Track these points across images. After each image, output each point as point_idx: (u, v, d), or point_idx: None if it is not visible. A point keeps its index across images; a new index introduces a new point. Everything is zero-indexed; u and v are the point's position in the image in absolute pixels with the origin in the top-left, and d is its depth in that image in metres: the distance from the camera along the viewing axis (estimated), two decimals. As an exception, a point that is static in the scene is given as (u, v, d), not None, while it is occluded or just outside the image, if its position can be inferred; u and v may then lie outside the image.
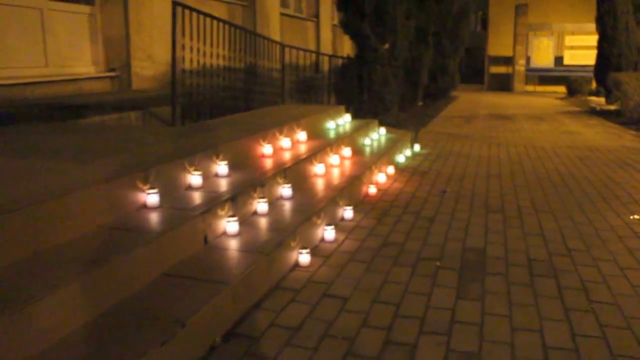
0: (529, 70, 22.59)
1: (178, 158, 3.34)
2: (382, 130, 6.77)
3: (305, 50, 8.96)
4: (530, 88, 22.67)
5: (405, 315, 2.52)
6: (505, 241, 3.57)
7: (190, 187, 3.31)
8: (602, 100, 15.27)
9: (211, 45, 5.50)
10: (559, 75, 21.77)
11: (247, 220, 3.26)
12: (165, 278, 2.49)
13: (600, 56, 15.15)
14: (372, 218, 4.03)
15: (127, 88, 6.68)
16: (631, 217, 4.15)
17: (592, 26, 15.49)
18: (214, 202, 3.05)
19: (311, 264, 3.09)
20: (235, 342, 2.27)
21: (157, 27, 7.00)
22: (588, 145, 7.76)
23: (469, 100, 16.29)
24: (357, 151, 5.55)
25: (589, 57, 16.61)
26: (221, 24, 5.72)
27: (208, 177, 3.50)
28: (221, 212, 3.04)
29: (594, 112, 13.12)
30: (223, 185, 3.45)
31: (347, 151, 5.23)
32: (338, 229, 3.64)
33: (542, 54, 22.77)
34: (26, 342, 1.80)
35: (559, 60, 22.61)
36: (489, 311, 2.56)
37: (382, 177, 5.18)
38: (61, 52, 6.10)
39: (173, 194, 3.13)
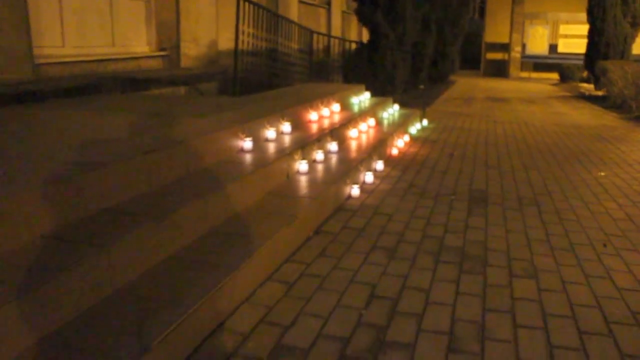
0: (525, 57, 23.76)
1: (257, 118, 4.48)
2: (396, 106, 7.93)
3: (331, 36, 10.08)
4: (525, 74, 23.86)
5: (434, 223, 3.71)
6: (502, 185, 4.77)
7: (267, 140, 4.45)
8: (591, 86, 16.49)
9: (262, 30, 6.60)
10: (552, 62, 22.98)
11: (310, 165, 4.42)
12: (269, 196, 3.65)
13: (590, 45, 16.33)
14: (398, 170, 5.22)
15: (176, 66, 7.78)
16: (599, 173, 5.36)
17: (585, 16, 16.61)
18: (288, 150, 4.21)
19: (360, 197, 4.27)
20: (323, 235, 3.44)
21: (201, 13, 8.08)
22: (573, 124, 8.97)
23: (466, 85, 17.47)
24: (379, 122, 6.71)
25: (582, 46, 17.49)
26: (262, 12, 6.83)
27: (277, 133, 4.64)
28: (295, 157, 4.21)
29: (583, 97, 14.33)
30: (289, 139, 4.60)
31: (371, 121, 6.39)
32: (374, 175, 4.81)
33: (537, 41, 23.95)
34: (205, 217, 2.96)
35: (553, 48, 23.82)
36: (490, 222, 3.76)
37: (400, 142, 6.35)
38: (124, 34, 7.18)
39: (257, 144, 4.28)
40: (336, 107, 6.09)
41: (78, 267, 2.06)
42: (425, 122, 8.24)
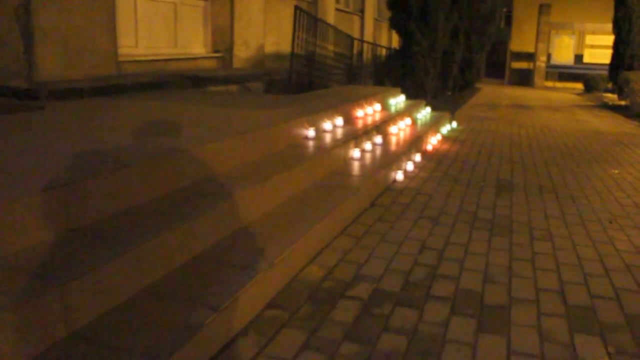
0: (550, 66, 24.37)
1: (315, 112, 5.31)
2: (428, 109, 8.72)
3: (365, 42, 10.90)
4: (549, 84, 24.45)
5: (467, 201, 4.51)
6: (525, 177, 5.55)
7: (324, 130, 5.28)
8: (615, 97, 17.08)
9: (309, 36, 7.46)
10: (578, 72, 23.56)
11: (361, 153, 5.24)
12: (331, 174, 4.47)
13: (615, 56, 16.96)
14: (433, 162, 6.02)
15: (229, 66, 8.68)
16: (613, 170, 6.10)
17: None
18: (343, 139, 5.03)
19: (403, 181, 5.08)
20: (377, 207, 4.26)
21: (251, 20, 8.98)
22: (593, 130, 9.68)
23: (491, 92, 18.17)
24: (414, 122, 7.52)
25: (608, 57, 17.92)
26: (312, 20, 7.68)
27: (332, 125, 5.46)
28: (350, 145, 5.03)
29: (606, 107, 14.95)
30: (341, 131, 5.42)
31: (407, 120, 7.20)
32: (413, 165, 5.61)
33: (563, 51, 24.55)
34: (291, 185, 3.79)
35: (578, 58, 24.39)
36: (515, 202, 4.55)
37: (434, 140, 7.15)
38: (184, 37, 8.10)
39: (317, 133, 5.11)
40: (377, 106, 6.91)
41: (210, 212, 2.88)
42: (454, 124, 9.02)
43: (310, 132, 4.88)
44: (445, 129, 8.38)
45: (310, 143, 4.76)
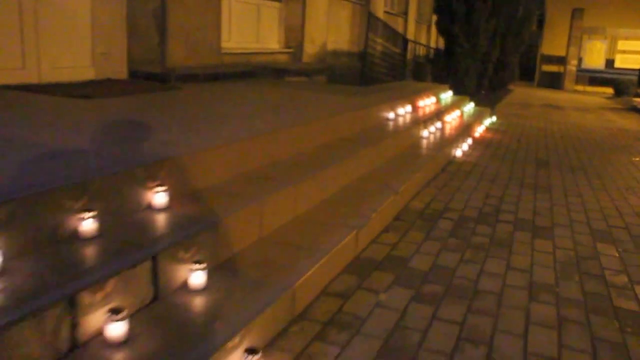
0: (580, 70, 25.56)
1: (390, 100, 6.83)
2: (472, 104, 10.21)
3: (413, 42, 12.38)
4: (579, 87, 25.65)
5: (515, 172, 6.02)
6: (558, 159, 7.04)
7: (399, 115, 6.80)
8: (644, 101, 18.39)
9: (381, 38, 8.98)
10: (608, 77, 24.74)
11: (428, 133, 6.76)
12: (410, 147, 5.99)
13: (644, 62, 18.27)
14: (482, 146, 7.53)
15: (299, 60, 10.23)
16: (634, 158, 7.56)
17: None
18: (414, 122, 6.54)
19: (461, 157, 6.59)
20: (446, 173, 5.77)
21: (318, 20, 10.53)
22: (620, 128, 11.10)
23: (523, 93, 19.57)
24: (462, 113, 9.02)
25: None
26: (377, 22, 9.21)
27: (404, 111, 6.99)
28: (420, 126, 6.56)
29: (634, 109, 16.25)
30: (411, 116, 6.93)
31: (457, 112, 8.70)
32: (467, 146, 7.11)
33: (594, 56, 25.71)
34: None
35: (610, 63, 25.54)
36: (552, 175, 6.05)
37: (479, 129, 8.64)
38: (264, 34, 9.67)
39: (395, 117, 6.63)
40: (433, 99, 8.42)
41: (352, 158, 4.41)
42: (494, 118, 10.50)
43: (391, 115, 6.41)
44: (487, 121, 9.87)
45: (391, 123, 6.29)
